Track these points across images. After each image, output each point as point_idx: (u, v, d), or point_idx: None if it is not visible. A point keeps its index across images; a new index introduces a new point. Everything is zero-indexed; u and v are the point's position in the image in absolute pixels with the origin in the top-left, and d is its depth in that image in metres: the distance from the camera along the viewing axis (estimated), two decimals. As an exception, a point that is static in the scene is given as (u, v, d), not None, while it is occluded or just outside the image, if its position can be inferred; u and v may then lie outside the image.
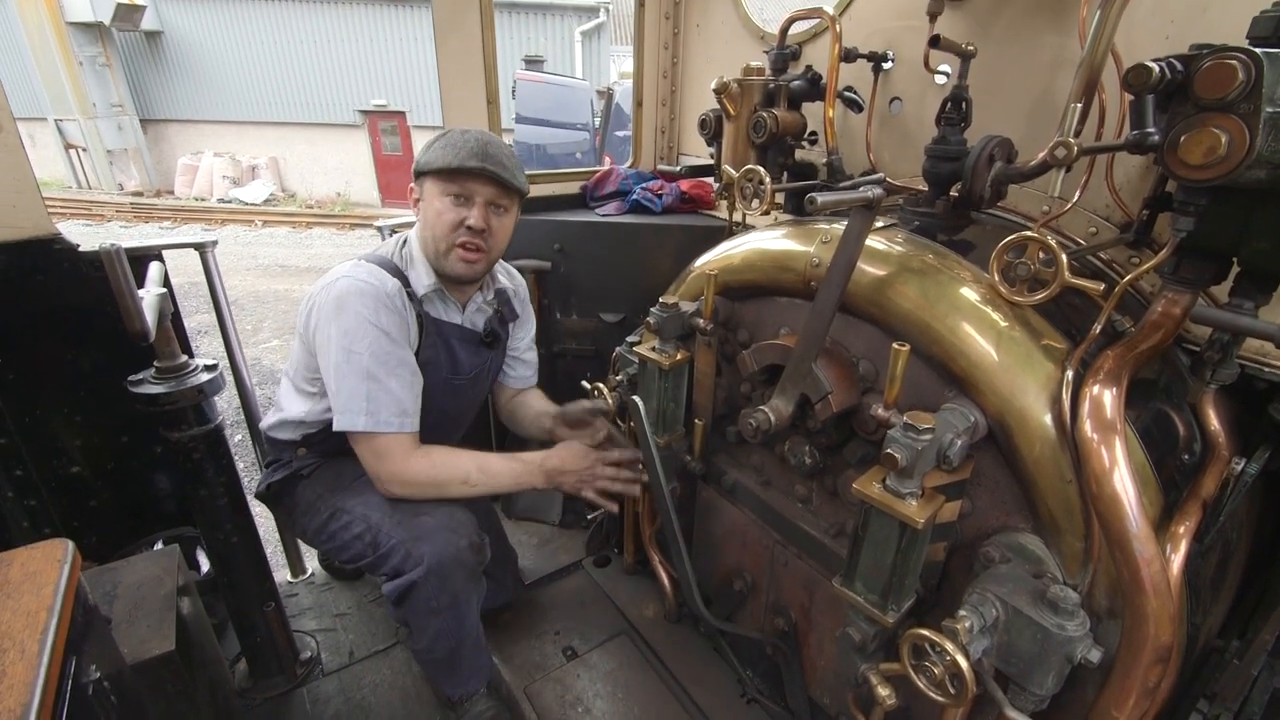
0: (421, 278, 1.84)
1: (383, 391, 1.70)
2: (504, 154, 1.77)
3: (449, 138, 1.75)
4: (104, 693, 1.25)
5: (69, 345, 2.05)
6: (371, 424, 1.70)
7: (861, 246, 1.31)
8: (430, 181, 1.76)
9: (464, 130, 1.76)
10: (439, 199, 1.75)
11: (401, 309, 1.76)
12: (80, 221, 13.79)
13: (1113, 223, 1.57)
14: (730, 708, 2.07)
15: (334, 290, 1.71)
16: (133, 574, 1.74)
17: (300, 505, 1.91)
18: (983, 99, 1.60)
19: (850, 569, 1.34)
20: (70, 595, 1.16)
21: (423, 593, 1.72)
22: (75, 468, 2.16)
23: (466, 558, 1.75)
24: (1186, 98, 1.03)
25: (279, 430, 1.94)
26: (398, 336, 1.74)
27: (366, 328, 1.68)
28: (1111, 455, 1.06)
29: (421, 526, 1.74)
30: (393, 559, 1.73)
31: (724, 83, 1.88)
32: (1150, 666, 1.05)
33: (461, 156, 1.70)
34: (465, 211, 1.76)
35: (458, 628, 1.82)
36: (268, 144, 17.65)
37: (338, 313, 1.69)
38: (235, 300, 9.10)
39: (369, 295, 1.70)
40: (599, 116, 9.86)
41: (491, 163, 1.72)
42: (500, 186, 1.77)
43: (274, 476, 1.95)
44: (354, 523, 1.80)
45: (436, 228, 1.77)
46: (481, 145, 1.73)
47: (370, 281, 1.72)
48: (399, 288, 1.77)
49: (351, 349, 1.68)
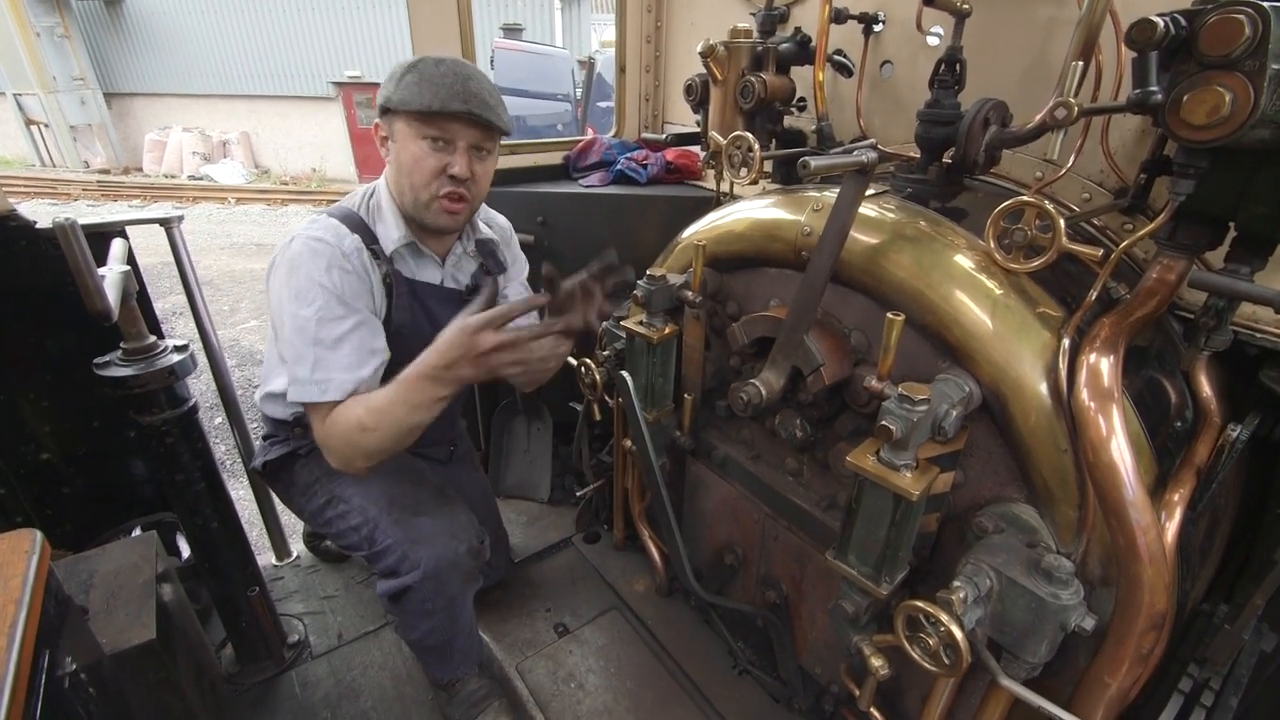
0: (391, 231, 1.68)
1: (332, 359, 1.54)
2: (486, 90, 1.59)
3: (422, 70, 1.54)
4: (81, 685, 1.21)
5: (32, 327, 1.97)
6: (317, 394, 1.53)
7: (855, 214, 1.28)
8: (404, 121, 1.57)
9: (438, 60, 1.56)
10: (414, 142, 1.58)
11: (362, 269, 1.61)
12: (46, 201, 13.30)
13: (1107, 188, 1.54)
14: (722, 679, 2.09)
15: (289, 251, 1.57)
16: (109, 562, 1.70)
17: (298, 485, 1.85)
18: (976, 61, 1.55)
19: (843, 542, 1.32)
20: (40, 586, 1.12)
21: (418, 596, 1.68)
22: (45, 454, 2.09)
23: (464, 563, 1.71)
24: (1190, 55, 1.00)
25: (271, 405, 1.83)
26: (354, 298, 1.58)
27: (316, 289, 1.53)
28: (1109, 424, 1.05)
29: (420, 529, 1.68)
30: (388, 558, 1.68)
31: (710, 46, 1.82)
32: (1144, 634, 1.05)
33: (443, 98, 1.52)
34: (446, 157, 1.59)
35: (451, 625, 1.80)
36: (239, 118, 17.07)
37: (290, 274, 1.55)
38: (211, 280, 8.88)
39: (320, 254, 1.55)
40: (580, 87, 9.64)
41: (476, 104, 1.55)
42: (484, 128, 1.60)
43: (270, 454, 1.87)
44: (351, 513, 1.74)
45: (414, 175, 1.60)
46: (463, 81, 1.54)
47: (324, 239, 1.57)
48: (358, 245, 1.61)
49: (299, 313, 1.53)
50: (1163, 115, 1.03)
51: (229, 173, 15.81)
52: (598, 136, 2.82)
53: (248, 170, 16.45)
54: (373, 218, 1.70)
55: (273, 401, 1.82)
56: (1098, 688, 1.13)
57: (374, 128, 1.67)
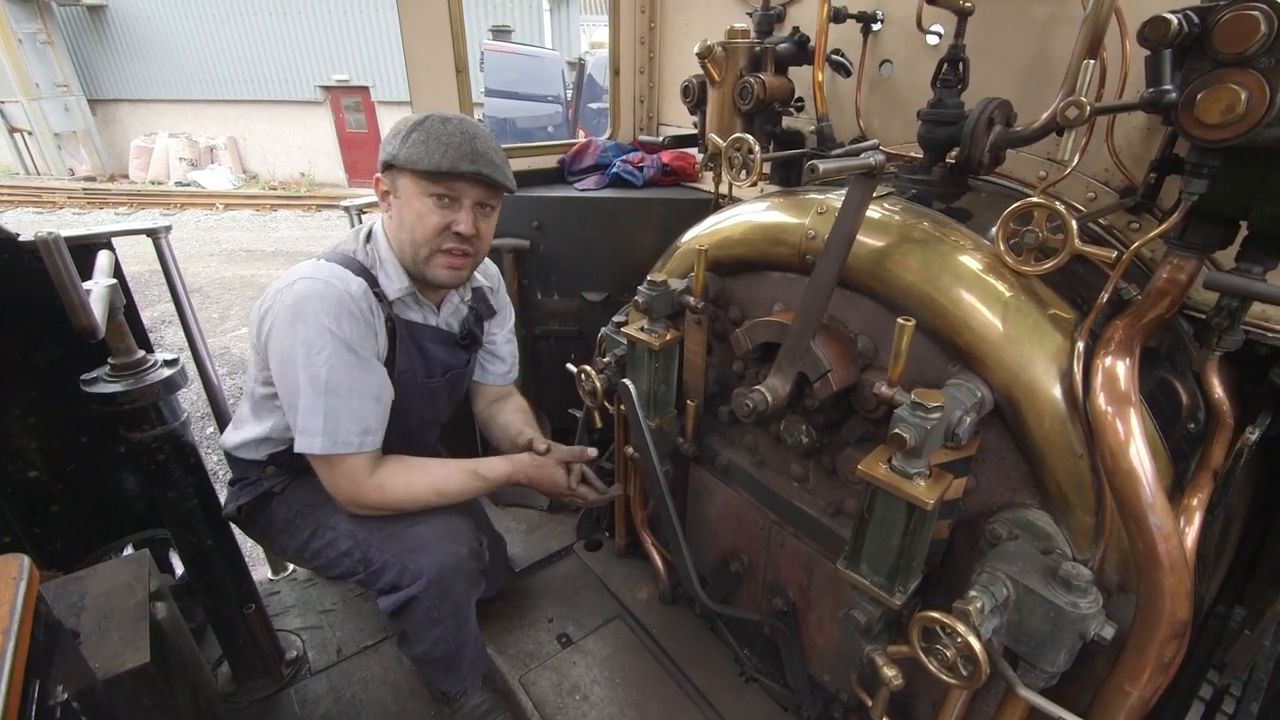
0: (392, 281, 1.66)
1: (343, 409, 1.55)
2: (492, 149, 1.60)
3: (428, 129, 1.54)
4: (73, 714, 1.17)
5: (17, 342, 1.92)
6: (329, 445, 1.55)
7: (863, 217, 1.25)
8: (409, 178, 1.57)
9: (444, 118, 1.57)
10: (419, 199, 1.57)
11: (367, 313, 1.60)
12: (30, 210, 13.14)
13: (1112, 187, 1.53)
14: (730, 688, 2.06)
15: (291, 294, 1.53)
16: (100, 583, 1.65)
17: (277, 523, 1.80)
18: (978, 59, 1.54)
19: (854, 551, 1.30)
20: (29, 615, 1.08)
21: (423, 604, 1.65)
22: (33, 472, 2.04)
23: (466, 566, 1.69)
24: (1204, 53, 0.98)
25: (243, 450, 1.79)
26: (361, 346, 1.57)
27: (326, 337, 1.51)
28: (1127, 428, 1.03)
29: (418, 538, 1.65)
30: (387, 575, 1.65)
31: (708, 46, 1.79)
32: (1166, 642, 1.03)
33: (450, 158, 1.52)
34: (451, 214, 1.59)
35: (457, 632, 1.77)
36: (226, 123, 16.95)
37: (295, 320, 1.51)
38: (200, 288, 8.79)
39: (330, 299, 1.52)
40: (571, 89, 9.60)
41: (484, 164, 1.55)
42: (490, 187, 1.61)
43: (242, 498, 1.81)
44: (339, 539, 1.70)
45: (417, 231, 1.59)
46: (470, 141, 1.55)
47: (331, 283, 1.54)
48: (364, 288, 1.59)
49: (310, 363, 1.51)
50: (1176, 114, 1.01)
51: (216, 179, 15.69)
52: (592, 139, 2.79)
53: (235, 176, 16.34)
54: (373, 264, 1.68)
55: (243, 447, 1.79)
56: (1118, 697, 1.11)
57: (375, 182, 1.67)
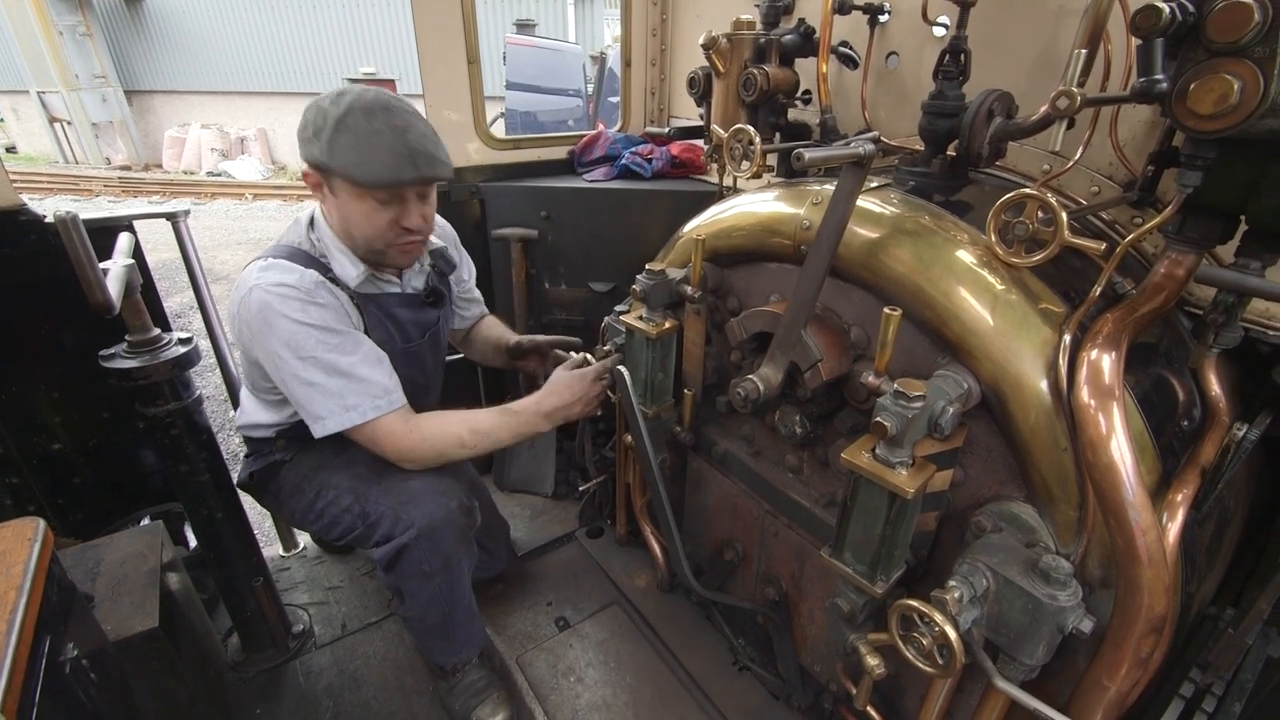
0: (347, 268, 1.68)
1: (352, 381, 1.61)
2: (427, 139, 1.55)
3: (355, 130, 1.46)
4: (83, 671, 1.23)
5: (43, 320, 2.00)
6: (355, 418, 1.63)
7: (853, 207, 1.26)
8: (344, 184, 1.54)
9: (366, 110, 1.46)
10: (359, 202, 1.56)
11: (330, 298, 1.63)
12: (68, 197, 13.57)
13: (1116, 181, 1.51)
14: (722, 675, 2.08)
15: (253, 305, 1.55)
16: (116, 551, 1.72)
17: (286, 488, 1.87)
18: (982, 51, 1.52)
19: (839, 539, 1.31)
20: (42, 574, 1.14)
21: (414, 555, 1.70)
22: (56, 445, 2.13)
23: (457, 519, 1.73)
24: (1198, 42, 0.97)
25: (252, 430, 1.89)
26: (338, 323, 1.62)
27: (304, 331, 1.56)
28: (1109, 422, 1.02)
29: (409, 491, 1.71)
30: (382, 526, 1.71)
31: (712, 37, 1.80)
32: (1143, 637, 1.03)
33: (392, 169, 1.49)
34: (397, 209, 1.59)
35: (450, 592, 1.81)
36: (256, 115, 17.28)
37: (267, 328, 1.56)
38: (227, 275, 9.00)
39: (290, 299, 1.55)
40: (592, 83, 9.61)
41: (425, 164, 1.52)
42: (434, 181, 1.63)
43: (255, 465, 1.91)
44: (341, 496, 1.77)
45: (366, 231, 1.61)
46: (404, 143, 1.49)
47: (284, 283, 1.56)
48: (317, 279, 1.61)
49: (301, 355, 1.57)
50: (1169, 104, 1.00)
51: (246, 169, 16.01)
52: (603, 130, 2.81)
53: (265, 167, 16.65)
54: (323, 254, 1.70)
55: (254, 428, 1.88)
56: (1096, 691, 1.11)
57: (304, 175, 1.58)
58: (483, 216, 2.66)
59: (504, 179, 2.67)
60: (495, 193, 2.62)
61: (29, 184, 13.64)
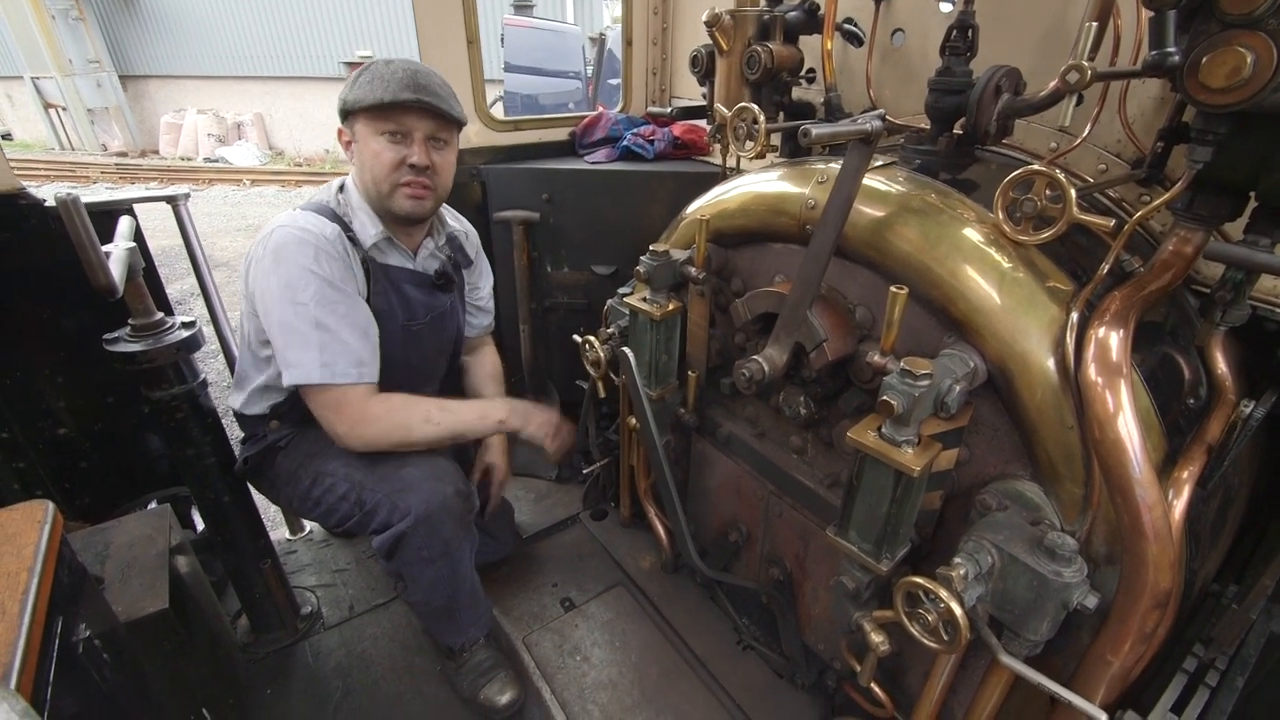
0: (367, 227, 1.75)
1: (335, 341, 1.63)
2: (436, 82, 1.66)
3: (374, 70, 1.63)
4: (96, 651, 1.24)
5: (46, 305, 2.00)
6: (327, 375, 1.62)
7: (859, 184, 1.25)
8: (362, 121, 1.66)
9: (388, 60, 1.65)
10: (374, 139, 1.66)
11: (344, 254, 1.69)
12: (65, 184, 13.50)
13: (1124, 159, 1.49)
14: (726, 655, 2.10)
15: (270, 242, 1.63)
16: (124, 534, 1.73)
17: (282, 475, 1.88)
18: (991, 27, 1.50)
19: (844, 518, 1.32)
20: (52, 555, 1.15)
21: (413, 542, 1.71)
22: (63, 429, 2.13)
23: (453, 504, 1.74)
24: (1210, 14, 0.95)
25: (248, 405, 1.88)
26: (343, 283, 1.66)
27: (309, 277, 1.60)
28: (1116, 399, 1.02)
29: (406, 478, 1.72)
30: (379, 514, 1.72)
31: (716, 15, 1.77)
32: (1148, 612, 1.03)
33: (393, 89, 1.59)
34: (405, 149, 1.67)
35: (452, 575, 1.82)
36: (252, 100, 17.11)
37: (276, 265, 1.61)
38: (227, 262, 8.97)
39: (307, 243, 1.61)
40: (591, 65, 9.50)
41: (426, 94, 1.62)
42: (438, 119, 1.68)
43: (250, 451, 1.91)
44: (337, 484, 1.77)
45: (375, 169, 1.68)
46: (411, 75, 1.62)
47: (308, 228, 1.63)
48: (339, 233, 1.69)
49: (296, 300, 1.60)
50: (1180, 78, 0.99)
51: (244, 155, 15.88)
52: (604, 112, 2.78)
53: (262, 152, 16.52)
54: (347, 213, 1.76)
55: (246, 402, 1.88)
56: (1100, 666, 1.12)
57: (338, 133, 1.75)
58: (484, 199, 2.64)
59: (505, 161, 2.65)
60: (496, 175, 2.60)
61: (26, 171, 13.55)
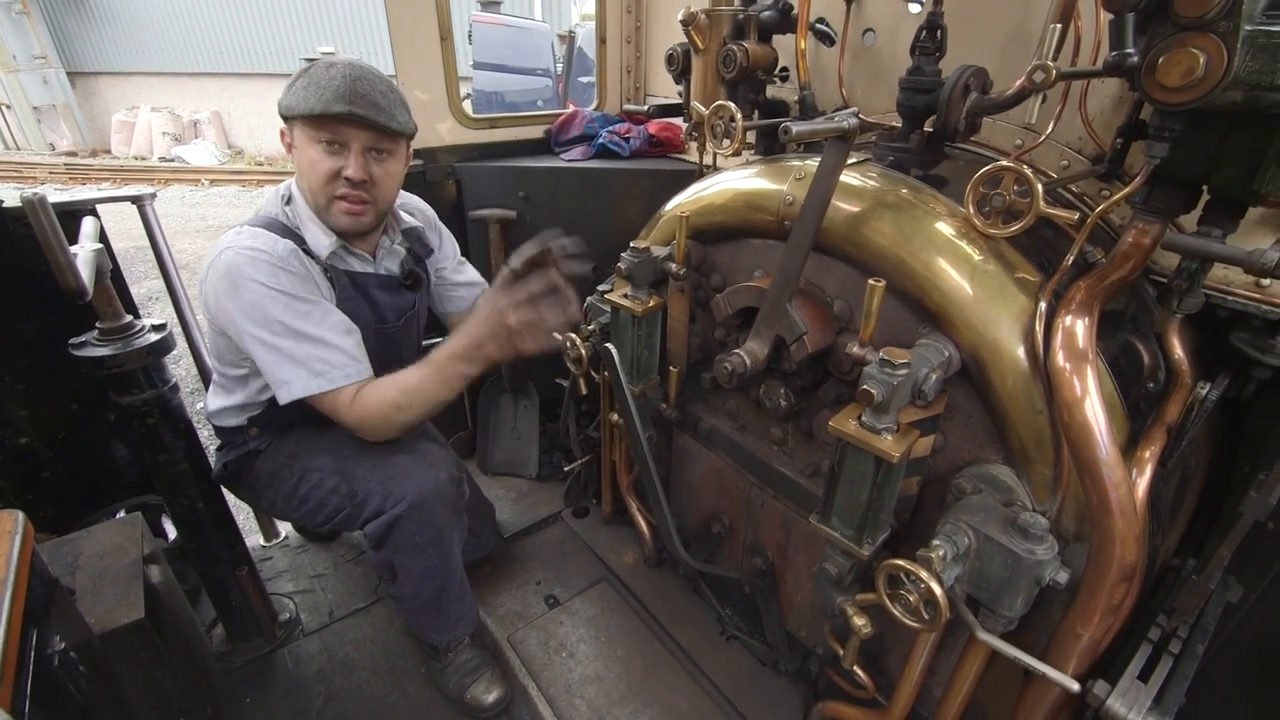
0: (320, 238, 1.68)
1: (321, 347, 1.60)
2: (378, 91, 1.57)
3: (312, 75, 1.54)
4: (71, 663, 1.22)
5: (4, 310, 1.93)
6: (324, 384, 1.60)
7: (837, 181, 1.28)
8: (299, 128, 1.58)
9: (329, 63, 1.55)
10: (311, 147, 1.58)
11: (303, 269, 1.63)
12: (11, 185, 12.91)
13: (1084, 155, 1.56)
14: (711, 645, 2.13)
15: (221, 266, 1.56)
16: (94, 544, 1.69)
17: (263, 478, 1.85)
18: (958, 27, 1.55)
19: (827, 505, 1.35)
20: (24, 566, 1.11)
21: (406, 528, 1.71)
22: (24, 439, 2.06)
23: (447, 490, 1.74)
24: (1166, 17, 1.00)
25: (225, 416, 1.84)
26: (308, 294, 1.61)
27: (273, 295, 1.55)
28: (1083, 384, 1.07)
29: (397, 465, 1.72)
30: (372, 502, 1.71)
31: (691, 13, 1.79)
32: (1115, 585, 1.09)
33: (326, 100, 1.50)
34: (340, 160, 1.59)
35: (443, 564, 1.82)
36: (209, 97, 16.59)
37: (234, 290, 1.54)
38: (186, 264, 8.69)
39: (261, 262, 1.55)
40: (561, 62, 9.47)
41: (362, 104, 1.52)
42: (378, 131, 1.59)
43: (228, 457, 1.86)
44: (326, 478, 1.76)
45: (312, 179, 1.61)
46: (349, 83, 1.52)
47: (258, 248, 1.57)
48: (293, 249, 1.62)
49: (268, 319, 1.55)
50: (1138, 77, 1.04)
51: (201, 154, 15.39)
52: (579, 110, 2.78)
53: (220, 151, 16.03)
54: (297, 224, 1.70)
55: (223, 414, 1.84)
56: (1071, 639, 1.17)
57: (280, 134, 1.66)
58: (459, 197, 2.63)
59: (479, 159, 2.63)
60: (471, 173, 2.59)
61: (-33, 171, 12.95)
